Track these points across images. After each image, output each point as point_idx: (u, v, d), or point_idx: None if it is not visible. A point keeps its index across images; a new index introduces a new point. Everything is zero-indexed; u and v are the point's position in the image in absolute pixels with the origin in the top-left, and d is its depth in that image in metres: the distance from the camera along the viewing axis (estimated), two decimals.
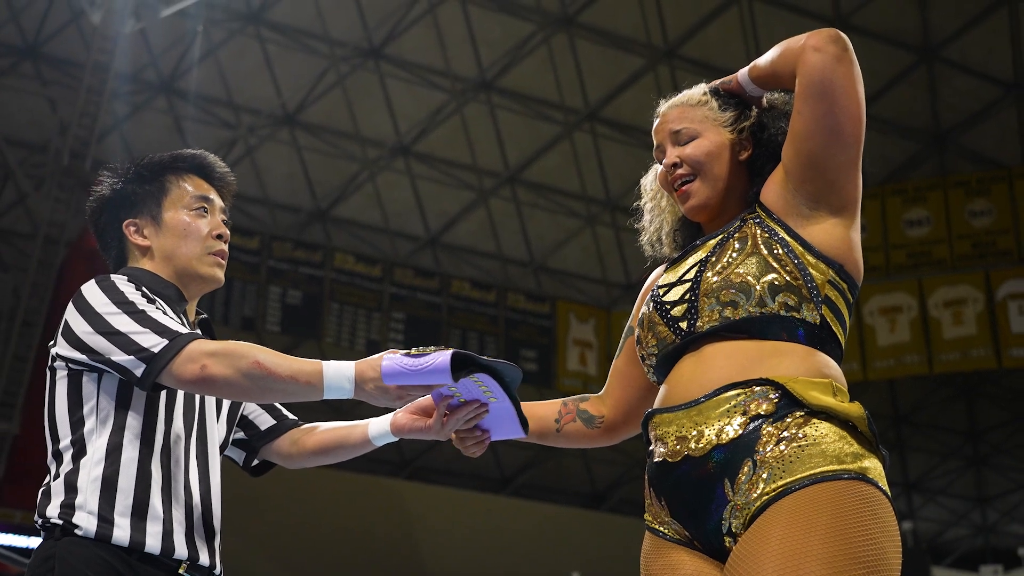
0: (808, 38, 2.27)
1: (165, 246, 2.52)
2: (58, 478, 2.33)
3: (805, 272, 2.26)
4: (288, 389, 2.24)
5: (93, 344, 2.30)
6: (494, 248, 15.45)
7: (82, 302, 2.36)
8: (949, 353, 13.63)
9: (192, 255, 2.52)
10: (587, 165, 14.82)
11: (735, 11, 13.42)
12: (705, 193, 2.41)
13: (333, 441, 2.67)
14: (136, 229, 2.54)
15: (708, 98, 2.49)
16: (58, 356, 2.37)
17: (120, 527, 2.27)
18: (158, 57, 13.46)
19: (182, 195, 2.56)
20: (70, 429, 2.35)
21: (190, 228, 2.53)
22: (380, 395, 2.21)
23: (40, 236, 11.58)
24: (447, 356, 2.15)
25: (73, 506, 2.28)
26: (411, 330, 13.82)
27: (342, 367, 2.24)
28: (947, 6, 13.41)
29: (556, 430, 2.61)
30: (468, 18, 13.61)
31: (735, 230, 2.36)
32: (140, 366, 2.26)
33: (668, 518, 2.26)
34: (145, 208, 2.54)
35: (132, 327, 2.29)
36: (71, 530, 2.27)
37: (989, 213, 13.75)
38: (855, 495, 2.07)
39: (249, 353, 2.24)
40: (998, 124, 14.28)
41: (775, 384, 2.17)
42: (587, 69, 14.08)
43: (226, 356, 2.23)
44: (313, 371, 2.23)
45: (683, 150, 2.44)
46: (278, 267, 13.44)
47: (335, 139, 14.38)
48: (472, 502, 15.78)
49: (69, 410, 2.36)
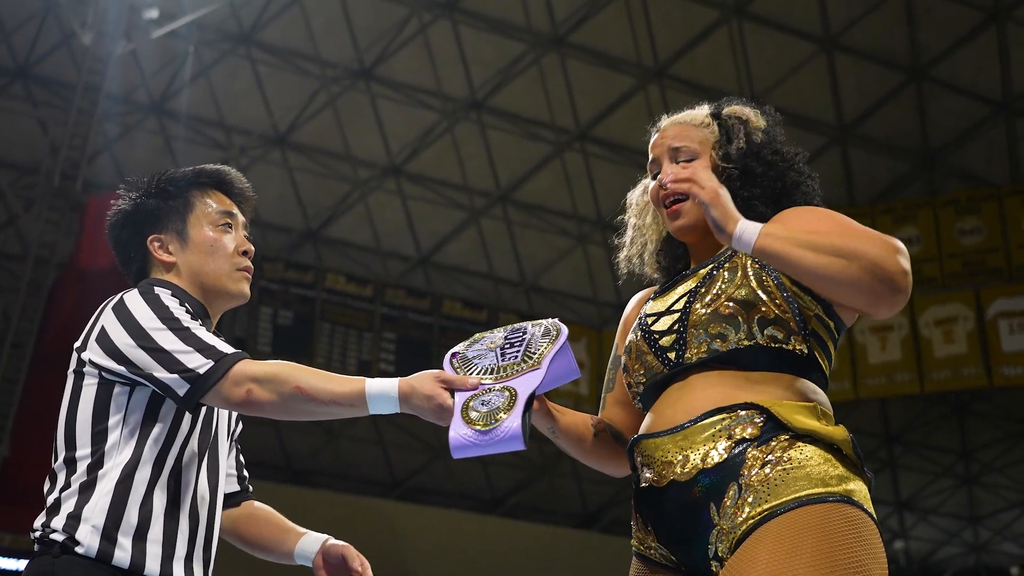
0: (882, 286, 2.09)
1: (192, 263, 2.51)
2: (68, 488, 2.28)
3: (793, 305, 2.25)
4: (332, 412, 2.26)
5: (134, 358, 2.27)
6: (485, 268, 15.45)
7: (125, 313, 2.33)
8: (940, 371, 13.64)
9: (221, 272, 2.52)
10: (578, 184, 14.84)
11: (724, 31, 13.47)
12: (695, 215, 2.39)
13: (265, 541, 2.67)
14: (161, 245, 2.52)
15: (710, 121, 2.48)
16: (90, 362, 2.33)
17: (122, 548, 2.23)
18: (149, 78, 13.46)
19: (207, 211, 2.54)
20: (91, 439, 2.30)
21: (217, 245, 2.52)
22: (424, 406, 2.22)
23: (30, 257, 11.55)
24: (517, 427, 2.11)
25: (79, 518, 2.23)
26: (402, 350, 13.80)
27: (385, 387, 2.23)
28: (936, 26, 13.47)
29: (594, 435, 2.49)
30: (459, 38, 13.64)
31: (725, 259, 2.34)
32: (184, 386, 2.24)
33: (655, 543, 2.25)
34: (170, 224, 2.52)
35: (177, 345, 2.27)
36: (71, 547, 2.22)
37: (979, 232, 13.79)
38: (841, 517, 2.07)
39: (291, 378, 2.26)
40: (987, 143, 14.33)
41: (760, 408, 2.17)
42: (577, 89, 14.11)
43: (270, 381, 2.25)
44: (354, 393, 2.23)
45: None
46: (269, 287, 13.43)
47: (326, 160, 14.38)
48: (463, 522, 15.73)
49: (94, 419, 2.31)
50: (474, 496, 16.90)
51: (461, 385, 2.22)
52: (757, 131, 2.48)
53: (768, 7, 13.32)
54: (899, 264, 2.09)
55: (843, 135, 14.18)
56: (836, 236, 2.14)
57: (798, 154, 2.49)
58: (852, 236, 2.15)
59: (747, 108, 2.54)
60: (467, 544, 15.12)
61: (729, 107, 2.54)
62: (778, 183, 2.42)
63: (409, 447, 16.14)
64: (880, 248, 2.10)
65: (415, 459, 16.33)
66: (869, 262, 2.08)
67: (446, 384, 2.23)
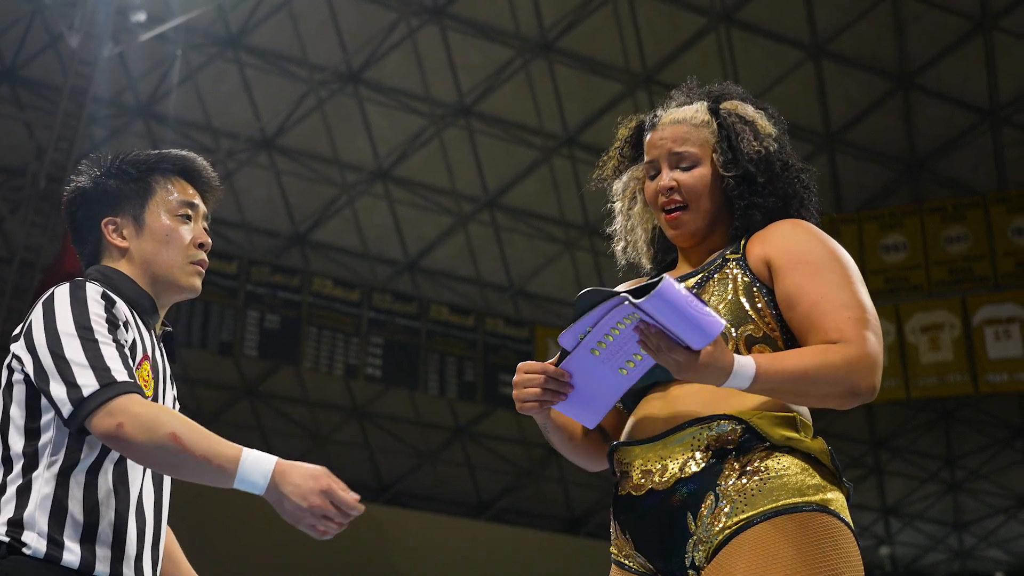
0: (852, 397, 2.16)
1: (145, 250, 2.41)
2: (5, 490, 2.19)
3: (782, 322, 2.24)
4: (199, 470, 2.10)
5: (42, 358, 2.18)
6: (473, 273, 15.44)
7: (49, 310, 2.24)
8: (926, 378, 13.67)
9: (173, 263, 2.41)
10: (566, 190, 14.84)
11: (712, 38, 13.50)
12: (695, 224, 2.37)
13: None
14: (115, 228, 2.42)
15: (710, 119, 2.41)
16: (15, 356, 2.24)
17: (70, 551, 2.15)
18: (136, 81, 13.42)
19: (167, 198, 2.44)
20: (24, 436, 2.21)
21: (173, 235, 2.42)
22: (291, 498, 2.06)
23: (16, 260, 11.51)
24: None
25: (22, 524, 2.14)
26: (389, 355, 13.78)
27: (261, 461, 2.11)
28: (923, 34, 13.51)
29: (584, 433, 2.46)
30: (447, 44, 13.63)
31: (716, 269, 2.31)
32: (67, 405, 2.13)
33: (632, 551, 2.25)
34: (127, 207, 2.42)
35: (78, 356, 2.16)
36: (19, 548, 2.13)
37: (965, 239, 13.82)
38: (818, 526, 2.08)
39: (169, 424, 2.10)
40: (973, 151, 14.37)
41: (738, 419, 2.17)
42: (566, 94, 14.12)
43: (146, 422, 2.09)
44: (229, 456, 2.09)
45: (683, 177, 2.37)
46: (256, 291, 13.39)
47: (314, 163, 14.36)
48: (450, 527, 15.72)
49: (27, 416, 2.21)
50: (461, 501, 16.88)
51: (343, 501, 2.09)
52: (768, 137, 2.42)
53: (756, 14, 13.34)
54: (873, 384, 2.14)
55: (830, 142, 14.21)
56: (818, 354, 2.12)
57: (804, 169, 2.43)
58: (835, 332, 2.15)
59: (748, 106, 2.46)
60: (454, 549, 15.10)
61: (727, 102, 2.45)
62: (780, 195, 2.37)
63: (396, 452, 16.13)
64: (859, 370, 2.12)
65: (402, 464, 16.32)
66: (847, 388, 2.12)
67: (327, 493, 2.10)
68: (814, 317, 2.17)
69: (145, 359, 2.32)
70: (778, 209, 2.37)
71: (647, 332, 2.00)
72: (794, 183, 2.40)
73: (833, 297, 2.18)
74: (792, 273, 2.22)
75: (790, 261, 2.24)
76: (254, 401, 15.14)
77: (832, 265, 2.23)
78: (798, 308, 2.20)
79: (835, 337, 2.14)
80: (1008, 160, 14.28)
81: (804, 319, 2.19)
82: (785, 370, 2.09)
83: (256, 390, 15.05)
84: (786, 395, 2.14)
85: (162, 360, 2.44)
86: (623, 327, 2.06)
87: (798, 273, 2.21)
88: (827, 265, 2.23)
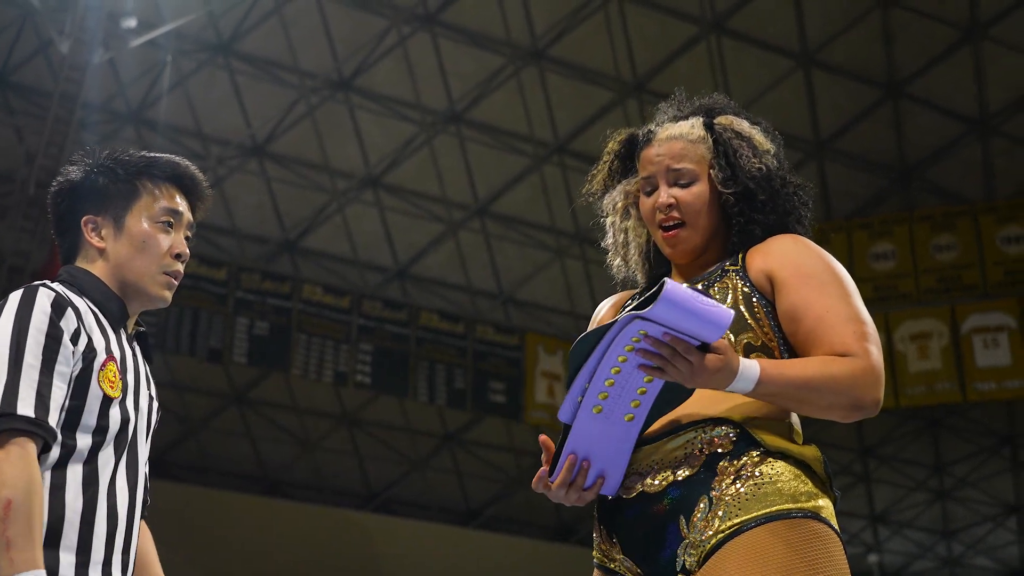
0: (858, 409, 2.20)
1: (120, 254, 2.36)
2: None
3: (780, 334, 2.26)
4: None
5: None
6: (463, 280, 15.44)
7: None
8: (915, 387, 13.69)
9: (145, 272, 2.36)
10: (556, 198, 14.85)
11: (703, 46, 13.52)
12: (693, 242, 2.37)
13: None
14: (95, 228, 2.39)
15: (705, 135, 2.41)
16: None
17: None
18: (127, 87, 13.41)
19: (151, 204, 2.39)
20: None
21: (150, 242, 2.37)
22: None
23: (4, 266, 11.48)
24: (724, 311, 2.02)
25: None
26: (378, 362, 13.76)
27: None
28: (912, 43, 13.56)
29: None
30: (438, 51, 13.64)
31: (715, 279, 2.32)
32: None
33: (619, 555, 2.25)
34: (110, 208, 2.38)
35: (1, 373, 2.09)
36: None
37: (954, 248, 13.86)
38: (809, 532, 2.09)
39: (13, 494, 2.01)
40: (962, 160, 14.42)
41: (733, 423, 2.18)
42: (556, 102, 14.13)
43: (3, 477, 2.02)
44: (18, 562, 1.98)
45: (681, 195, 2.36)
46: (245, 298, 13.37)
47: (304, 170, 14.35)
48: (439, 535, 15.70)
49: None
50: (450, 508, 16.86)
51: None
52: (767, 154, 2.42)
53: (746, 23, 13.38)
54: (876, 397, 2.19)
55: (820, 150, 14.24)
56: (823, 364, 2.15)
57: (801, 185, 2.45)
58: (840, 345, 2.18)
59: (743, 121, 2.46)
60: (443, 556, 15.08)
61: (722, 116, 2.46)
62: (780, 212, 2.38)
63: (385, 459, 16.10)
64: (864, 383, 2.17)
65: (391, 471, 16.28)
66: (851, 400, 2.16)
67: None
68: (820, 331, 2.19)
69: (110, 359, 2.27)
70: (776, 224, 2.38)
71: (657, 344, 2.01)
72: (792, 200, 2.41)
73: (838, 311, 2.21)
74: (798, 287, 2.24)
75: (794, 276, 2.25)
76: (243, 408, 15.11)
77: (834, 280, 2.26)
78: (804, 321, 2.22)
79: (840, 350, 2.17)
80: (997, 169, 14.33)
81: (809, 332, 2.21)
82: (789, 377, 2.11)
83: (245, 397, 15.02)
84: (788, 402, 2.16)
85: (134, 360, 2.38)
86: (630, 351, 2.06)
87: (804, 288, 2.23)
88: (830, 280, 2.26)
